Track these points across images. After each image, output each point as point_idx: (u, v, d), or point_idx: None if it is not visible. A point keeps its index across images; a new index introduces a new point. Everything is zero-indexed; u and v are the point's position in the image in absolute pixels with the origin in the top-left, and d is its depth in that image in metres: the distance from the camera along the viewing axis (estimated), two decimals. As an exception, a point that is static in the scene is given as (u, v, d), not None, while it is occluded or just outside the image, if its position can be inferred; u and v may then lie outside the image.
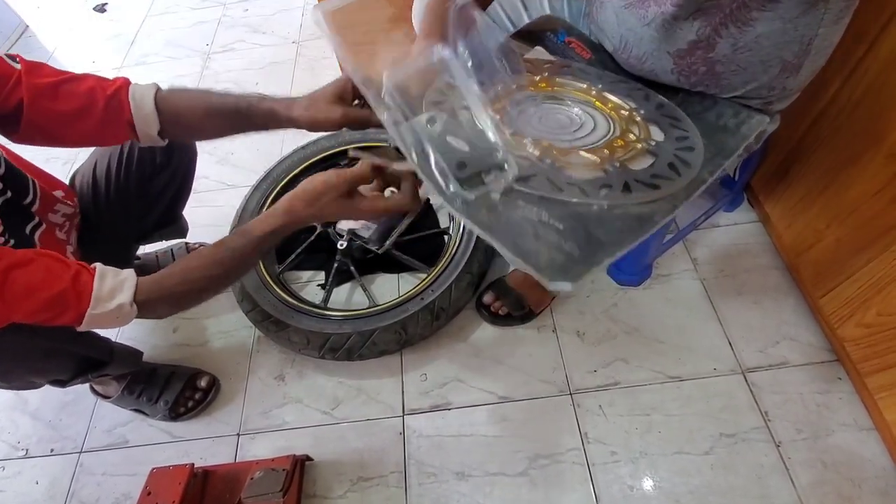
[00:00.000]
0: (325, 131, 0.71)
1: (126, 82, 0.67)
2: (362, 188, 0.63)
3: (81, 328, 0.60)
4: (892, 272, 0.75)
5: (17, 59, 0.63)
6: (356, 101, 0.67)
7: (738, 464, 0.84)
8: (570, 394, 0.93)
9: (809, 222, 0.92)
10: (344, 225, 1.05)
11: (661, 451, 0.86)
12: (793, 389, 0.90)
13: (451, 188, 0.47)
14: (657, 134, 0.60)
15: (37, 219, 0.74)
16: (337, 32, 0.54)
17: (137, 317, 0.63)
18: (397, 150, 0.53)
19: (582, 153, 0.55)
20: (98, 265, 0.61)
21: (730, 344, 0.96)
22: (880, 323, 0.79)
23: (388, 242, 0.98)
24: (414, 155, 0.49)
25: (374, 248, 1.01)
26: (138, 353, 0.94)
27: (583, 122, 0.60)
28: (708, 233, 1.11)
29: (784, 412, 0.88)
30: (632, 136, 0.58)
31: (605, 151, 0.55)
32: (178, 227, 1.03)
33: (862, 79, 0.77)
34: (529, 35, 0.78)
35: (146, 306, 0.63)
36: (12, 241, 0.68)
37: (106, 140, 0.74)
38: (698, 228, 1.09)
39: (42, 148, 0.70)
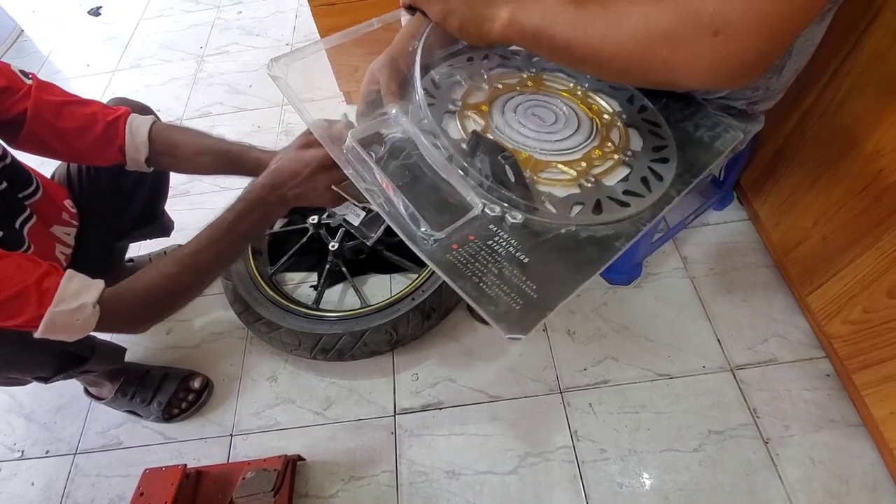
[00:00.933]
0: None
1: (127, 112, 0.72)
2: None
3: (38, 333, 0.56)
4: (878, 269, 0.76)
5: (31, 77, 0.68)
6: None
7: (727, 460, 0.85)
8: (561, 392, 0.94)
9: (796, 220, 0.93)
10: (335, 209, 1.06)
11: (651, 449, 0.87)
12: (781, 386, 0.91)
13: (422, 229, 0.47)
14: (636, 141, 0.60)
15: (28, 211, 0.74)
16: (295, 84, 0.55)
17: (103, 326, 0.60)
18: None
19: (560, 166, 0.55)
20: (69, 270, 0.60)
21: (719, 341, 0.97)
22: (866, 320, 0.80)
23: (377, 233, 0.99)
24: (383, 202, 0.49)
25: (364, 240, 1.02)
26: (121, 350, 0.93)
27: (566, 124, 0.60)
28: (697, 231, 1.12)
29: (772, 409, 0.89)
30: (610, 144, 0.58)
31: (583, 164, 0.56)
32: (159, 226, 1.02)
33: (846, 78, 0.77)
34: None
35: (112, 308, 0.60)
36: (0, 233, 0.69)
37: (96, 160, 0.75)
38: (688, 227, 1.10)
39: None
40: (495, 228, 0.49)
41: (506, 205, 0.50)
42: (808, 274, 0.91)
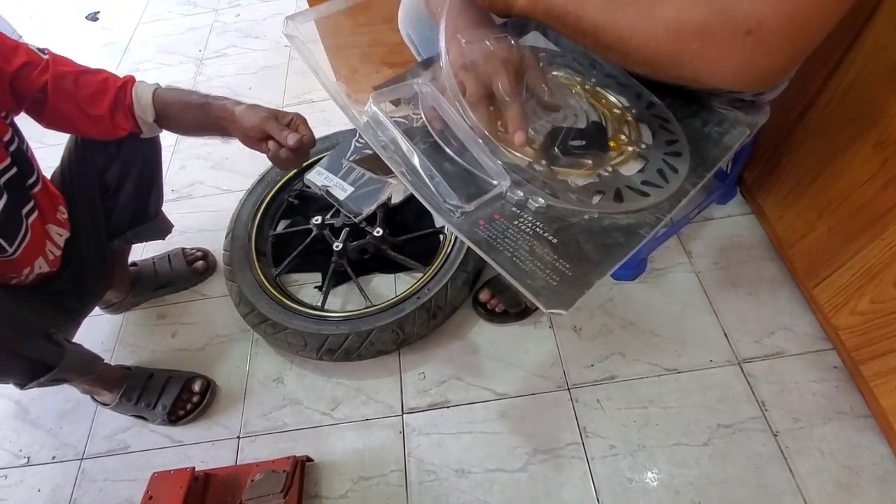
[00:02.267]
0: (246, 141, 0.77)
1: (132, 78, 0.78)
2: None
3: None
4: (884, 260, 0.76)
5: (46, 52, 0.72)
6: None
7: (736, 454, 0.85)
8: (568, 389, 0.94)
9: (801, 212, 0.93)
10: (317, 179, 1.07)
11: (660, 444, 0.87)
12: (789, 379, 0.91)
13: (449, 202, 0.47)
14: (647, 135, 0.60)
15: (33, 202, 0.76)
16: (315, 41, 0.54)
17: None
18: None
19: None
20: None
21: (725, 335, 0.97)
22: (874, 310, 0.80)
23: (368, 210, 1.00)
24: (406, 171, 0.49)
25: (352, 216, 1.02)
26: (95, 358, 0.90)
27: (576, 118, 0.60)
28: (702, 226, 1.12)
29: (781, 402, 0.89)
30: (623, 137, 0.58)
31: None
32: (155, 227, 1.01)
33: (849, 69, 0.77)
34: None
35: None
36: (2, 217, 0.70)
37: (113, 128, 0.78)
38: (692, 222, 1.10)
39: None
40: (518, 211, 0.49)
41: (527, 189, 0.50)
42: (814, 266, 0.91)
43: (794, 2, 0.38)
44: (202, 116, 0.78)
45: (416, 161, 0.49)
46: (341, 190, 1.03)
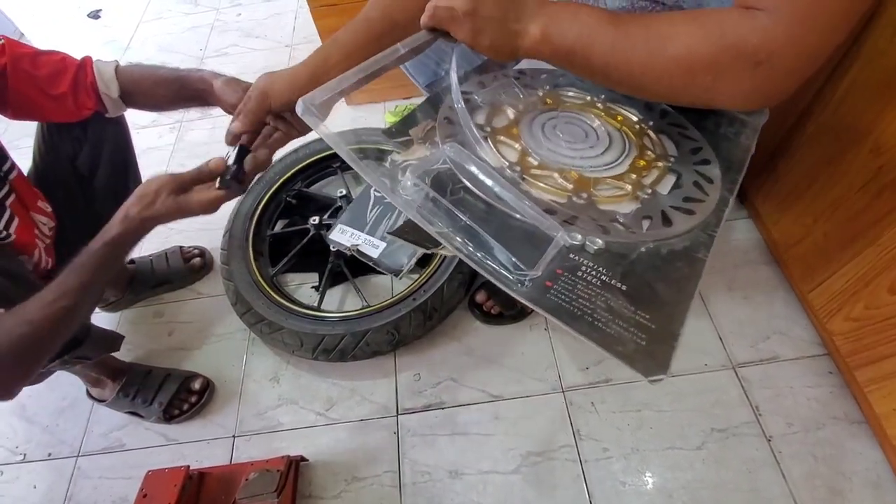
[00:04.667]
0: (224, 109, 0.77)
1: (90, 58, 0.77)
2: (198, 187, 0.66)
3: None
4: (879, 266, 0.76)
5: (0, 37, 0.72)
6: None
7: (730, 458, 0.85)
8: (563, 391, 0.94)
9: (797, 217, 0.93)
10: (342, 239, 1.01)
11: (653, 447, 0.87)
12: (783, 384, 0.91)
13: (515, 271, 0.44)
14: (670, 147, 0.59)
15: (8, 187, 0.75)
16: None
17: None
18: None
19: (609, 180, 0.53)
20: None
21: (720, 339, 0.97)
22: (868, 316, 0.80)
23: (408, 265, 0.95)
24: (467, 248, 0.45)
25: (393, 275, 1.00)
26: (117, 337, 0.90)
27: (598, 138, 0.58)
28: (699, 229, 1.12)
29: (775, 406, 0.89)
30: (649, 153, 0.57)
31: (633, 176, 0.54)
32: None
33: (845, 75, 0.78)
34: None
35: None
36: None
37: (76, 110, 0.77)
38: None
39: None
40: (576, 258, 0.46)
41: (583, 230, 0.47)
42: (810, 271, 0.91)
43: (801, 32, 0.39)
44: (178, 89, 0.78)
45: (478, 234, 0.45)
46: (373, 247, 0.97)
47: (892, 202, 0.72)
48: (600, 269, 0.45)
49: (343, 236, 1.02)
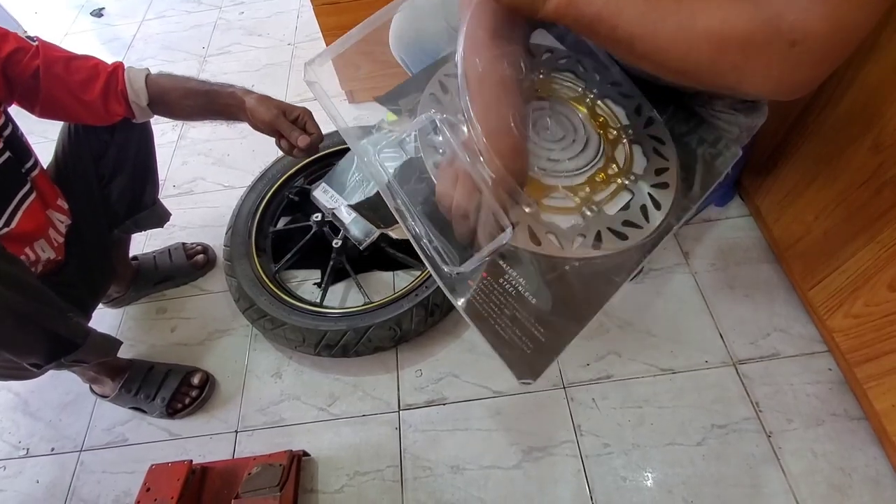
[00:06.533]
0: (260, 129, 0.81)
1: (121, 64, 0.80)
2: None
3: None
4: (879, 263, 0.76)
5: (35, 39, 0.74)
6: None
7: (730, 454, 0.85)
8: (564, 387, 0.95)
9: (798, 215, 0.93)
10: (323, 199, 1.04)
11: (654, 443, 0.87)
12: (784, 380, 0.91)
13: (447, 267, 0.45)
14: (639, 161, 0.58)
15: (28, 185, 0.76)
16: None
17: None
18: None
19: (563, 188, 0.53)
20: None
21: (721, 336, 0.97)
22: (868, 313, 0.80)
23: (369, 240, 0.99)
24: (415, 230, 0.48)
25: (356, 243, 1.01)
26: (115, 342, 0.90)
27: (575, 139, 0.58)
28: (699, 227, 1.12)
29: (775, 403, 0.89)
30: (614, 166, 0.56)
31: (587, 189, 0.53)
32: (153, 215, 1.02)
33: (845, 72, 0.78)
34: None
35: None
36: None
37: (105, 115, 0.79)
38: (689, 223, 1.11)
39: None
40: (504, 265, 0.47)
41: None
42: (810, 268, 0.92)
43: (838, 12, 0.38)
44: (207, 103, 0.80)
45: (418, 224, 0.46)
46: (347, 214, 1.01)
47: (892, 199, 0.72)
48: (521, 280, 0.47)
49: (325, 196, 1.04)
